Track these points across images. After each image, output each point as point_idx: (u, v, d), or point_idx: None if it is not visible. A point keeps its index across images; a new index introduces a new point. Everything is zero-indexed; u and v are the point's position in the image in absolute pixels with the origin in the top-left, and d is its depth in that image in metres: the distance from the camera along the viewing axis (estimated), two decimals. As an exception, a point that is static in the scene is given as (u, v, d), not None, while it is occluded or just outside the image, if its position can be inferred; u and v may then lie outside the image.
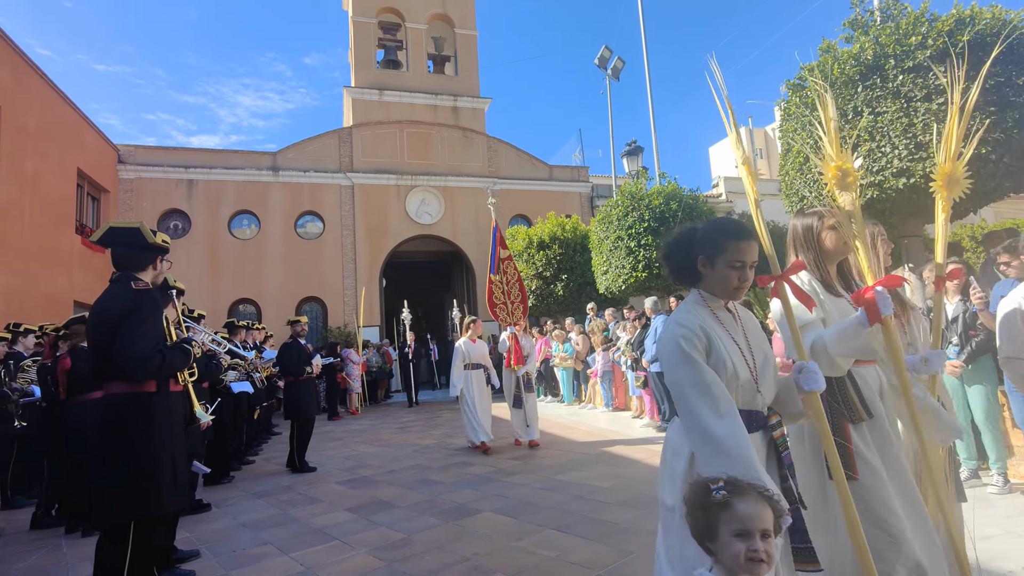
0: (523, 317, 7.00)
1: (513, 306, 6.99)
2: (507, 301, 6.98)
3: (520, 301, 7.04)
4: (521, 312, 6.99)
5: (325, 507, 4.63)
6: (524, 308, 7.04)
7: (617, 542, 3.36)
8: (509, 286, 7.04)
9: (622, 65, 14.66)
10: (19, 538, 4.30)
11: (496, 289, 7.01)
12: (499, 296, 7.00)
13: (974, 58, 5.12)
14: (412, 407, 12.27)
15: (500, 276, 7.03)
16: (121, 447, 2.44)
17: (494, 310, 6.98)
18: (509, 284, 7.05)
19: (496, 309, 6.98)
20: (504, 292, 7.01)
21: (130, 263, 2.64)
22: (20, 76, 10.30)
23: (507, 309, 6.97)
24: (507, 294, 7.02)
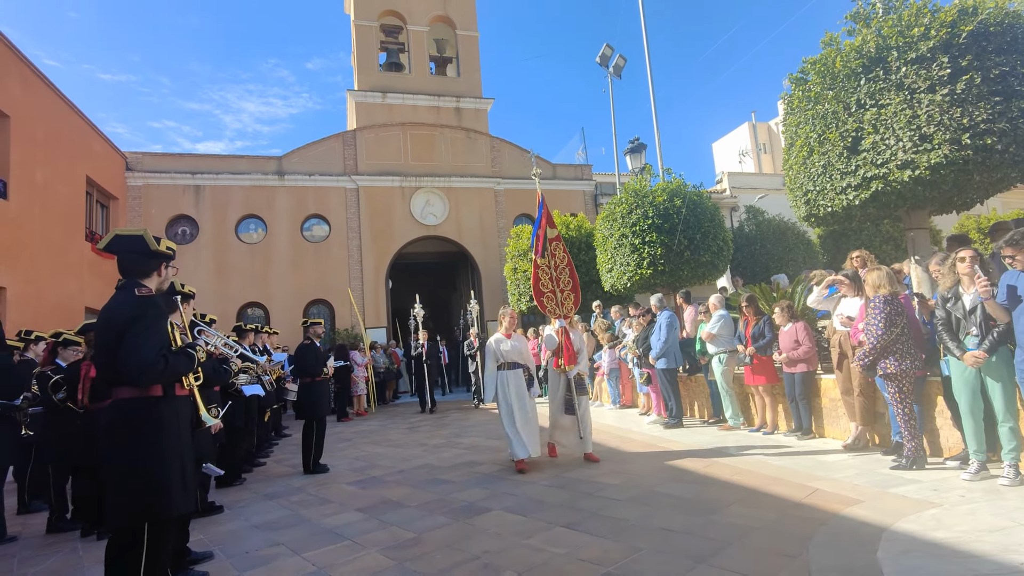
0: (574, 308, 5.91)
1: (563, 295, 5.84)
2: (555, 289, 5.84)
3: (571, 289, 5.90)
4: (572, 303, 5.88)
5: (336, 508, 4.67)
6: (576, 298, 5.91)
7: (626, 539, 3.37)
8: (558, 271, 5.89)
9: (624, 63, 14.64)
10: (36, 542, 4.37)
11: (542, 275, 5.86)
12: (546, 283, 5.84)
13: (977, 48, 5.10)
14: (426, 412, 11.41)
15: (547, 259, 5.88)
16: (129, 451, 2.48)
17: (540, 300, 5.84)
18: (558, 269, 5.90)
19: (543, 299, 5.84)
20: (552, 279, 5.87)
21: (135, 270, 2.69)
22: (29, 86, 10.43)
23: (555, 299, 5.82)
24: (555, 281, 5.86)
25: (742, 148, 28.14)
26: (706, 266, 10.16)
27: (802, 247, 14.75)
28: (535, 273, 5.90)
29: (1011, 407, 3.90)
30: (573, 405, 5.61)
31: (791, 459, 5.12)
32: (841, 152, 5.78)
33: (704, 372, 7.57)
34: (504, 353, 5.63)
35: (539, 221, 6.00)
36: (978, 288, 3.91)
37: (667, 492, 4.32)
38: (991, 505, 3.45)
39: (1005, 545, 2.81)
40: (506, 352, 5.63)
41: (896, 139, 5.31)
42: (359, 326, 13.63)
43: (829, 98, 5.94)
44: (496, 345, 5.70)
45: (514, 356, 5.67)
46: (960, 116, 5.00)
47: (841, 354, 5.48)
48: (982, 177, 5.24)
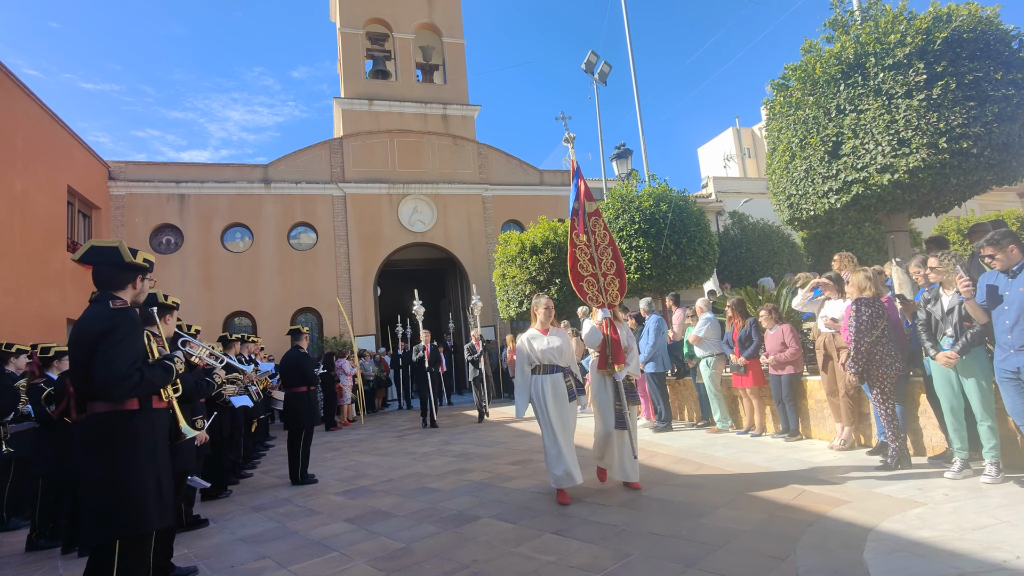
0: (620, 296, 4.90)
1: (606, 280, 4.84)
2: (597, 272, 4.83)
3: (615, 273, 4.92)
4: (617, 288, 4.89)
5: (323, 519, 4.62)
6: (621, 283, 4.92)
7: (616, 544, 3.37)
8: (599, 251, 4.91)
9: (609, 69, 14.76)
10: (14, 560, 4.27)
11: (581, 256, 4.87)
12: (585, 265, 4.85)
13: (952, 54, 5.21)
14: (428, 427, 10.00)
15: (588, 237, 4.93)
16: (103, 466, 2.43)
17: (579, 286, 4.81)
18: (599, 249, 4.93)
19: (582, 284, 4.81)
20: (593, 260, 4.87)
21: (110, 282, 2.64)
22: (7, 95, 10.28)
23: (597, 284, 4.81)
24: (597, 263, 4.86)
25: (727, 153, 28.45)
26: (692, 270, 10.25)
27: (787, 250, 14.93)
28: (572, 255, 4.86)
29: (987, 406, 3.96)
30: (624, 417, 4.50)
31: (779, 461, 5.16)
32: (822, 157, 5.86)
33: (692, 375, 7.61)
34: (539, 353, 4.57)
35: (575, 193, 5.00)
36: (960, 288, 3.98)
37: (656, 496, 4.33)
38: (974, 503, 3.50)
39: (989, 543, 2.85)
40: (542, 352, 4.55)
41: (875, 143, 5.40)
42: (348, 334, 13.54)
43: (810, 104, 6.03)
44: (529, 344, 4.61)
45: (552, 357, 4.57)
46: (936, 121, 5.10)
47: (826, 356, 5.55)
48: (959, 180, 5.34)
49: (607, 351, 4.60)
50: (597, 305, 4.80)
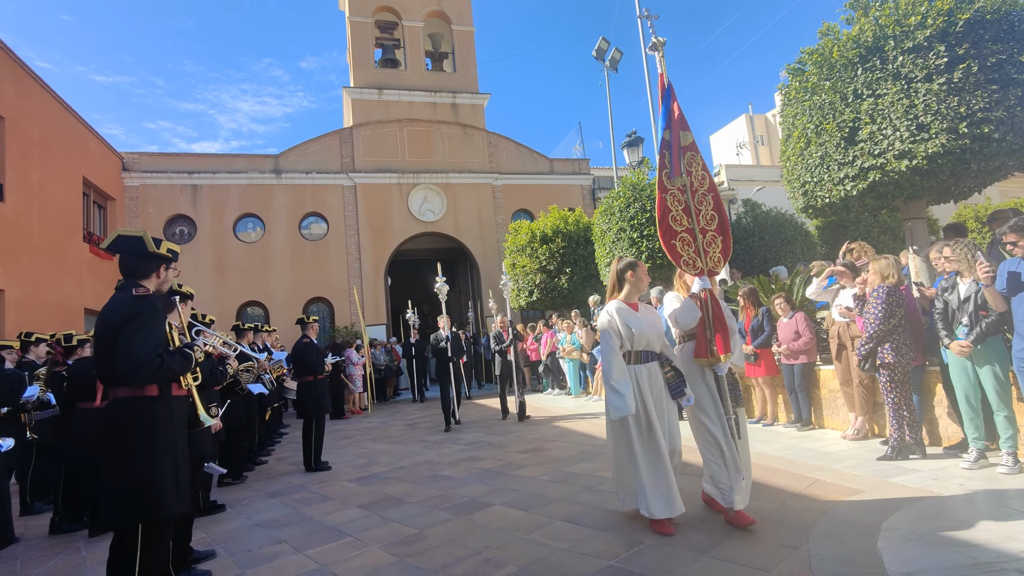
0: (723, 260, 3.58)
1: (706, 238, 3.54)
2: (694, 228, 3.53)
3: (717, 229, 3.58)
4: (720, 250, 3.57)
5: (337, 505, 4.68)
6: (725, 243, 3.59)
7: (628, 532, 3.38)
8: (697, 199, 3.58)
9: (620, 56, 14.59)
10: (38, 543, 4.38)
11: (674, 204, 3.55)
12: (679, 217, 3.54)
13: (974, 36, 5.08)
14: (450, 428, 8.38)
15: (684, 179, 3.60)
16: (122, 451, 2.49)
17: (670, 244, 3.51)
18: (697, 196, 3.59)
19: (675, 243, 3.51)
20: (689, 211, 3.55)
21: (134, 271, 2.70)
22: (23, 87, 10.39)
23: (694, 243, 3.52)
24: (694, 215, 3.55)
25: (739, 140, 28.07)
26: (705, 259, 10.15)
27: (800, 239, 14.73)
28: (662, 203, 3.52)
29: (1004, 396, 3.91)
30: (731, 426, 3.38)
31: (791, 450, 5.14)
32: (838, 143, 5.76)
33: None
34: (636, 335, 3.40)
35: (666, 119, 3.65)
36: (979, 275, 3.91)
37: (668, 485, 4.33)
38: (991, 493, 3.46)
39: (1005, 533, 2.82)
40: (638, 333, 3.40)
41: (893, 129, 5.29)
42: (359, 324, 13.62)
43: (826, 88, 5.92)
44: (620, 321, 3.44)
45: (649, 339, 3.44)
46: (957, 105, 4.98)
47: (840, 345, 5.49)
48: (979, 166, 5.22)
49: (708, 333, 3.41)
50: (693, 271, 3.51)
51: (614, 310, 3.50)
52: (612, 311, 3.51)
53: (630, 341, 3.42)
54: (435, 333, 8.85)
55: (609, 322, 3.50)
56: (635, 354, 3.47)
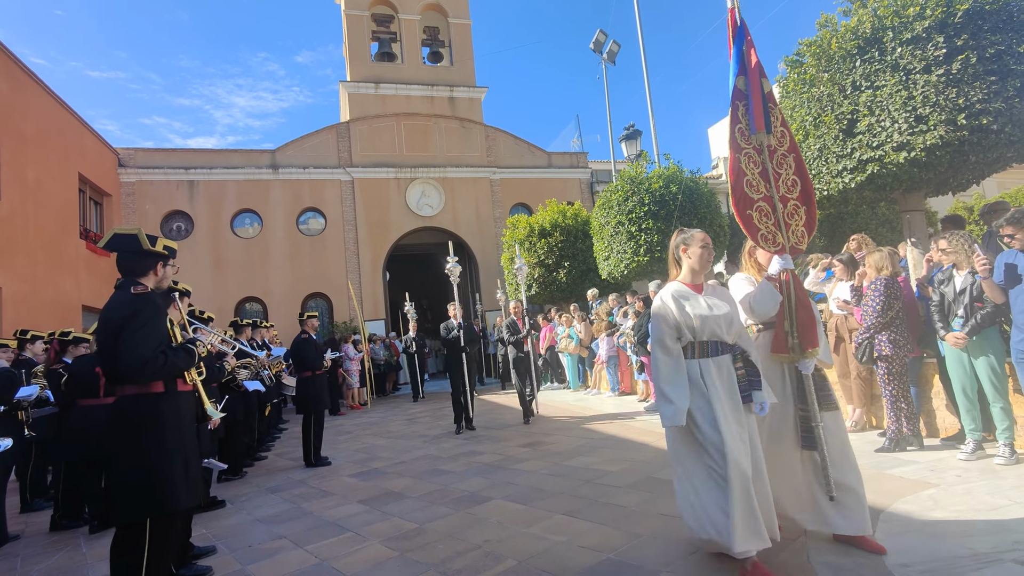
0: (807, 234, 2.98)
1: (787, 209, 2.95)
2: (774, 196, 2.93)
3: (799, 197, 3.00)
4: (803, 223, 2.98)
5: (338, 500, 4.70)
6: (810, 214, 3.01)
7: (626, 525, 3.40)
8: (777, 162, 3.00)
9: (618, 49, 14.53)
10: (39, 540, 4.39)
11: (749, 166, 2.94)
12: (756, 183, 2.94)
13: (973, 27, 5.06)
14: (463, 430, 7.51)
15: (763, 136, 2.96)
16: (131, 448, 2.50)
17: (745, 215, 2.89)
18: (776, 159, 3.00)
19: (750, 213, 2.90)
20: (767, 176, 2.96)
21: (132, 269, 2.70)
22: (17, 83, 10.31)
23: (774, 214, 2.92)
24: (773, 180, 2.95)
25: (738, 133, 27.98)
26: (703, 252, 10.15)
27: (799, 231, 14.74)
28: (734, 165, 2.90)
29: (1000, 387, 3.93)
30: (813, 432, 2.76)
31: (789, 443, 5.15)
32: (837, 135, 5.75)
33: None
34: (699, 323, 2.70)
35: (738, 65, 3.00)
36: (976, 267, 3.92)
37: (666, 478, 4.34)
38: (987, 484, 3.48)
39: (1002, 524, 2.84)
40: (702, 321, 2.70)
41: (892, 121, 5.28)
42: (357, 319, 13.62)
43: (824, 80, 5.90)
44: (677, 306, 2.75)
45: (717, 328, 2.72)
46: (956, 96, 4.97)
47: (838, 337, 5.50)
48: (978, 158, 5.22)
49: (789, 324, 2.80)
50: (773, 248, 2.85)
51: (669, 294, 2.79)
52: (666, 296, 2.79)
53: (691, 331, 2.71)
54: (445, 322, 7.92)
55: (660, 308, 2.77)
56: (699, 346, 2.72)
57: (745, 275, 3.16)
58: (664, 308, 2.79)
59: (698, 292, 2.81)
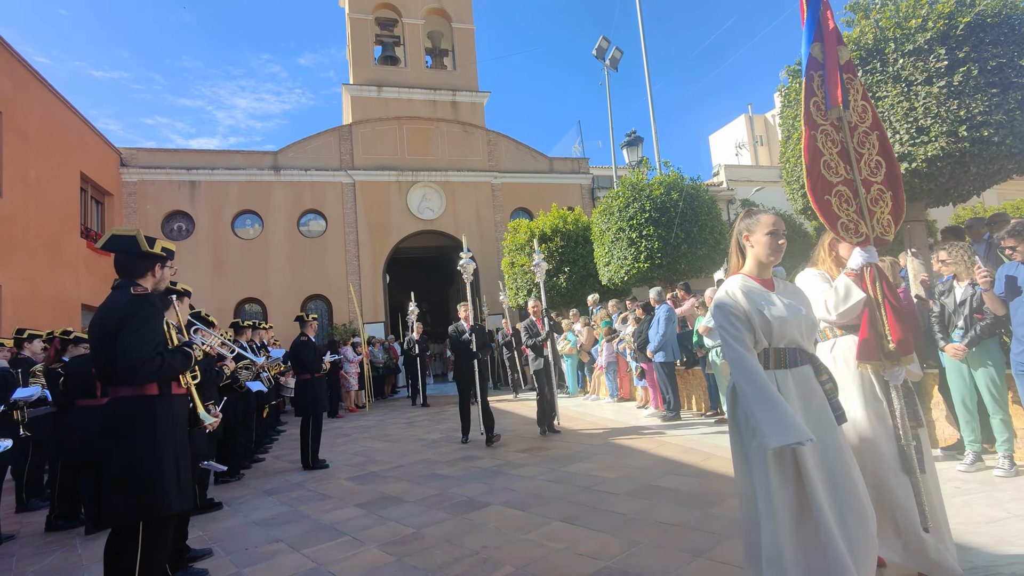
0: (895, 224, 2.54)
1: (870, 194, 2.52)
2: (855, 179, 2.49)
3: (884, 181, 2.55)
4: (889, 211, 2.54)
5: (335, 503, 4.68)
6: (896, 200, 2.56)
7: (625, 533, 3.38)
8: (858, 141, 2.56)
9: (620, 55, 14.58)
10: (34, 540, 4.37)
11: (826, 145, 2.50)
12: (834, 164, 2.49)
13: (975, 40, 5.08)
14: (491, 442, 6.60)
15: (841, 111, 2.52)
16: (125, 450, 2.49)
17: (823, 201, 2.45)
18: (857, 137, 2.56)
19: (830, 199, 2.45)
20: (847, 156, 2.52)
21: (130, 270, 2.70)
22: (20, 82, 10.34)
23: (855, 200, 2.49)
24: (854, 162, 2.51)
25: (739, 140, 28.09)
26: (703, 259, 10.18)
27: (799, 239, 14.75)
28: (809, 143, 2.49)
29: (1000, 399, 3.93)
30: (911, 455, 2.37)
31: (788, 452, 5.14)
32: (838, 145, 5.77)
33: (702, 365, 7.59)
34: (776, 326, 2.18)
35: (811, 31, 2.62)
36: (977, 278, 3.92)
37: (665, 486, 4.34)
38: (987, 496, 3.47)
39: (1001, 536, 2.83)
40: (779, 323, 2.18)
41: (893, 131, 5.30)
42: (357, 321, 13.61)
43: (826, 90, 5.92)
44: (748, 301, 2.23)
45: (796, 333, 2.23)
46: (957, 108, 4.99)
47: (838, 347, 5.50)
48: (979, 169, 5.24)
49: (878, 326, 2.41)
50: (855, 238, 2.48)
51: (736, 287, 2.25)
52: (733, 289, 2.25)
53: (766, 334, 2.15)
54: (455, 324, 7.20)
55: (727, 301, 2.21)
56: (775, 354, 2.18)
57: (818, 271, 2.76)
58: (733, 301, 2.21)
59: (769, 288, 2.29)
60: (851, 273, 2.53)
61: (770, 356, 2.19)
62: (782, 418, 1.92)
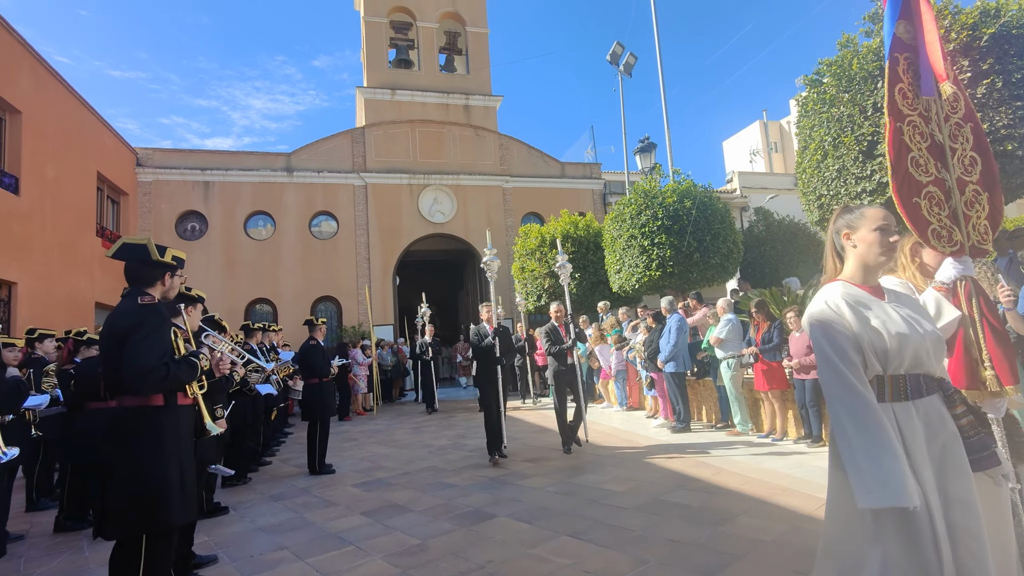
0: (992, 230, 2.25)
1: (964, 196, 2.20)
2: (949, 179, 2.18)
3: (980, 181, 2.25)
4: (984, 215, 2.23)
5: (341, 511, 4.66)
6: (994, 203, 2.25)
7: (633, 550, 3.33)
8: (950, 134, 2.24)
9: (634, 61, 14.52)
10: (43, 541, 4.39)
11: (915, 141, 2.16)
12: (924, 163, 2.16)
13: (999, 52, 4.98)
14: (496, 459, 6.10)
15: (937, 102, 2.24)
16: (128, 460, 2.48)
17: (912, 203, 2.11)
18: (949, 130, 2.24)
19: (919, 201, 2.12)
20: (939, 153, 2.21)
21: (140, 278, 2.69)
22: (41, 83, 10.49)
23: (947, 204, 2.17)
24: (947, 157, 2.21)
25: (753, 147, 27.88)
26: (716, 268, 10.08)
27: (813, 249, 14.58)
28: (895, 136, 2.17)
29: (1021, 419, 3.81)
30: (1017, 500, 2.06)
31: (801, 468, 5.06)
32: (856, 156, 5.68)
33: (712, 376, 7.50)
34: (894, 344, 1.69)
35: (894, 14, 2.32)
36: (1000, 297, 3.82)
37: (674, 501, 4.27)
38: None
39: (1023, 566, 2.73)
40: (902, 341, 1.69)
41: (913, 144, 5.21)
42: (368, 324, 13.63)
43: (845, 101, 5.84)
44: (854, 315, 1.74)
45: (923, 352, 1.72)
46: (980, 121, 4.90)
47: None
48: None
49: (973, 350, 2.13)
50: (948, 247, 2.19)
51: (839, 297, 1.77)
52: (835, 299, 1.78)
53: (881, 356, 1.70)
54: (477, 326, 6.57)
55: (829, 315, 1.76)
56: (892, 381, 1.71)
57: (900, 279, 2.24)
58: (837, 314, 1.75)
59: (878, 297, 1.83)
60: (941, 287, 2.21)
61: (886, 385, 1.71)
62: (884, 472, 1.54)
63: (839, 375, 1.69)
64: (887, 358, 1.70)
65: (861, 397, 1.65)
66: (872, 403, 1.65)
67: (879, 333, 1.71)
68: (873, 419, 1.61)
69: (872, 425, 1.60)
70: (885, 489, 1.53)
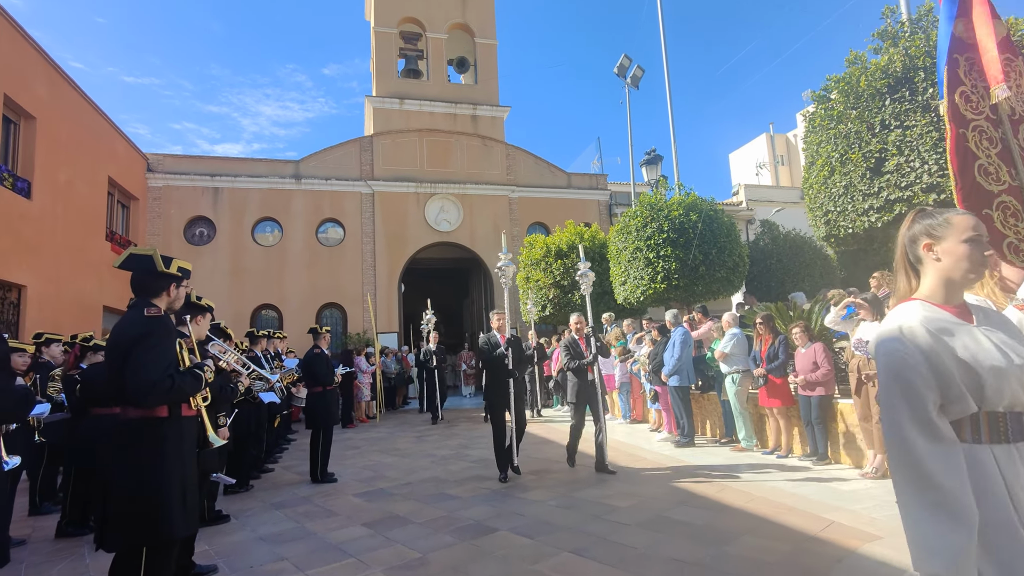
0: None
1: None
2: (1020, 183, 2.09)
3: None
4: None
5: (342, 521, 4.64)
6: None
7: (636, 568, 3.29)
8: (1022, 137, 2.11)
9: (641, 74, 14.59)
10: (44, 547, 4.39)
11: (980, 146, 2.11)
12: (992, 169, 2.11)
13: (1009, 70, 4.98)
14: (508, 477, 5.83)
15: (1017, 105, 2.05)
16: (131, 472, 2.48)
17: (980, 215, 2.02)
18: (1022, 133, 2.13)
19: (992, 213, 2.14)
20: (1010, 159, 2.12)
21: (146, 289, 2.70)
22: (55, 89, 10.64)
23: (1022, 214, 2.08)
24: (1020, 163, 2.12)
25: (759, 160, 27.88)
26: (721, 282, 10.04)
27: (819, 263, 14.51)
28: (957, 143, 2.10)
29: None
30: None
31: (806, 486, 5.00)
32: (864, 173, 5.67)
33: (717, 390, 7.45)
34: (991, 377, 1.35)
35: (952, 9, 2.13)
36: None
37: (678, 518, 4.23)
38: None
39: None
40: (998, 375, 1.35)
41: (921, 161, 5.19)
42: (372, 331, 13.65)
43: (852, 117, 5.84)
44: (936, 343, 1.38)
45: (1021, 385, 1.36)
46: None
47: (859, 380, 5.36)
48: None
49: None
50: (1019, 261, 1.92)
51: (917, 323, 1.44)
52: (912, 324, 1.44)
53: (974, 391, 1.39)
54: (488, 334, 6.15)
55: (900, 351, 1.42)
56: (989, 419, 1.41)
57: (978, 296, 1.78)
58: (911, 346, 1.41)
59: (966, 320, 1.49)
60: (1022, 306, 1.92)
61: (981, 424, 1.40)
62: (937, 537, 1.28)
63: (900, 429, 1.37)
64: (981, 393, 1.38)
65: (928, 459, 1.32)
66: (938, 464, 1.31)
67: (969, 368, 1.37)
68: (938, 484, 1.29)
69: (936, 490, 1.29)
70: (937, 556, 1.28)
